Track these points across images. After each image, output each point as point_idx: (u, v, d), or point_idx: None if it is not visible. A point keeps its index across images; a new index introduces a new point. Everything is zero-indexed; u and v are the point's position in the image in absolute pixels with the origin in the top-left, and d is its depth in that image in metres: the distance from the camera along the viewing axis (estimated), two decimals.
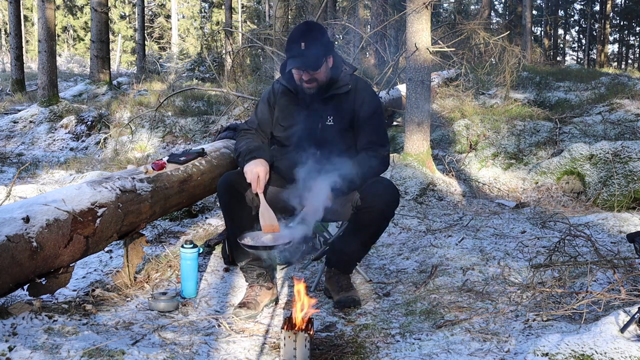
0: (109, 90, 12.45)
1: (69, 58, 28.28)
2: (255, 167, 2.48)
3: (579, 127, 6.69)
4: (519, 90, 9.28)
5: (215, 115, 8.75)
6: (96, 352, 1.94)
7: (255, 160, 2.51)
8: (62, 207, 2.37)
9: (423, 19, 5.19)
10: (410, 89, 5.37)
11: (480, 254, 3.35)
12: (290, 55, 2.51)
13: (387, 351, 2.17)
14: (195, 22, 33.94)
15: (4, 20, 27.70)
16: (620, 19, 36.63)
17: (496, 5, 31.61)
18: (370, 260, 3.46)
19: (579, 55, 41.54)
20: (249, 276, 2.69)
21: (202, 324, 2.45)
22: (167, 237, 3.90)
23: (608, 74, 11.42)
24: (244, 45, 8.53)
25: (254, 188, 2.46)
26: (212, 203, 4.65)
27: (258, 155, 2.53)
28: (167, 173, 3.07)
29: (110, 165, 6.54)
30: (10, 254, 2.08)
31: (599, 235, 3.64)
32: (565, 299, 2.46)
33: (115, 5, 32.80)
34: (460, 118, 6.95)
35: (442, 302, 2.65)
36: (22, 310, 2.29)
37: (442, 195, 5.06)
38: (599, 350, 1.83)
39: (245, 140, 2.69)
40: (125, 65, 30.81)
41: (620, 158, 4.83)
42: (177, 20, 30.34)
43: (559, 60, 32.30)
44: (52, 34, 10.08)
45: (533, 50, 17.63)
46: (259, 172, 2.47)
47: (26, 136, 9.32)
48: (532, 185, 5.42)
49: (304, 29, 2.56)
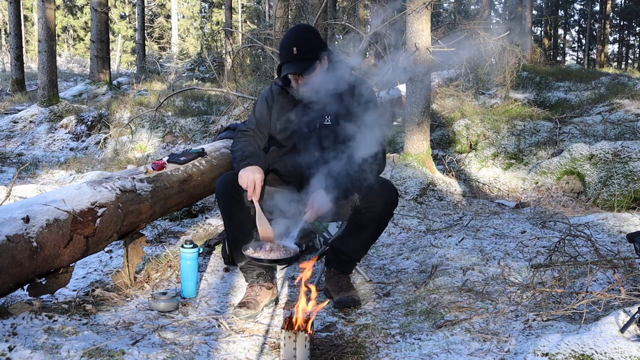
0: (109, 90, 12.45)
1: (69, 58, 28.28)
2: (252, 174, 2.45)
3: (579, 127, 6.69)
4: (519, 90, 9.28)
5: (215, 115, 8.75)
6: (96, 352, 1.94)
7: (250, 167, 2.48)
8: (62, 207, 2.37)
9: (423, 19, 5.19)
10: (410, 89, 5.37)
11: (480, 254, 3.35)
12: (283, 61, 2.53)
13: (387, 351, 2.17)
14: (195, 22, 33.94)
15: (4, 20, 27.70)
16: (620, 19, 36.63)
17: (496, 5, 31.60)
18: (370, 260, 3.46)
19: (579, 55, 41.54)
20: (249, 276, 2.69)
21: (202, 324, 2.45)
22: (167, 237, 3.90)
23: (608, 74, 11.42)
24: (244, 45, 8.52)
25: (250, 195, 2.44)
26: (212, 203, 4.65)
27: (253, 161, 2.51)
28: (167, 173, 3.07)
29: (110, 165, 6.54)
30: (10, 254, 2.08)
31: (599, 235, 3.64)
32: (565, 299, 2.46)
33: (115, 5, 32.80)
34: (460, 118, 6.95)
35: (442, 302, 2.65)
36: (22, 310, 2.29)
37: (442, 195, 5.05)
38: (599, 350, 1.83)
39: (241, 143, 2.67)
40: (125, 65, 30.81)
41: (620, 158, 4.83)
42: (177, 20, 30.34)
43: (559, 60, 32.29)
44: (52, 34, 10.08)
45: (533, 50, 17.62)
46: (255, 179, 2.44)
47: (26, 136, 9.32)
48: (532, 185, 5.42)
49: (294, 34, 2.57)
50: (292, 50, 2.48)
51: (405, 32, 5.46)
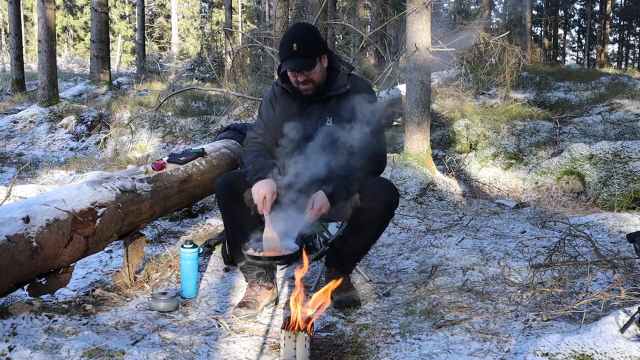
0: (109, 90, 12.45)
1: (69, 58, 28.28)
2: (262, 189, 2.44)
3: (579, 127, 6.69)
4: (519, 90, 9.28)
5: (215, 115, 8.75)
6: (96, 352, 1.94)
7: (261, 182, 2.47)
8: (62, 207, 2.37)
9: (423, 19, 5.19)
10: (410, 89, 5.37)
11: (480, 254, 3.35)
12: (283, 57, 2.53)
13: (387, 351, 2.17)
14: (195, 22, 33.95)
15: (4, 20, 27.70)
16: (620, 19, 36.64)
17: (496, 5, 31.61)
18: (370, 260, 3.46)
19: (579, 55, 41.55)
20: (249, 276, 2.69)
21: (202, 324, 2.45)
22: (167, 237, 3.90)
23: (608, 74, 11.42)
24: (244, 45, 8.52)
25: (260, 209, 2.44)
26: (212, 203, 4.65)
27: (263, 175, 2.50)
28: (167, 173, 3.07)
29: (110, 165, 6.54)
30: (10, 254, 2.08)
31: (599, 235, 3.64)
32: (565, 299, 2.46)
33: (115, 5, 32.80)
34: (460, 118, 6.95)
35: (442, 302, 2.65)
36: (22, 310, 2.29)
37: (442, 195, 5.05)
38: (599, 350, 1.83)
39: (251, 155, 2.66)
40: (125, 65, 30.81)
41: (620, 158, 4.83)
42: (177, 20, 30.35)
43: (559, 60, 32.28)
44: (52, 34, 10.08)
45: (533, 50, 17.62)
46: (265, 194, 2.43)
47: (26, 136, 9.32)
48: (532, 185, 5.42)
49: (295, 31, 2.58)
50: (292, 46, 2.49)
51: (405, 32, 5.46)
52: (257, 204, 2.43)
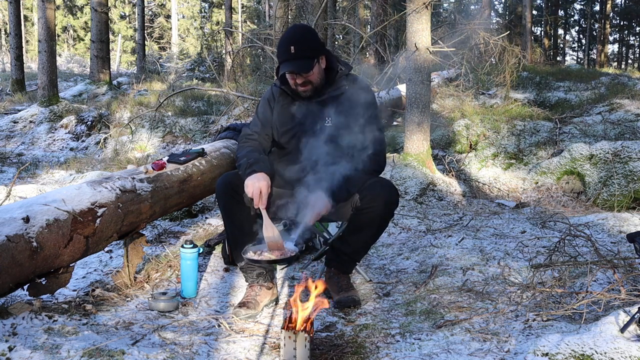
0: (109, 90, 12.45)
1: (69, 58, 28.29)
2: (257, 182, 2.43)
3: (579, 127, 6.69)
4: (519, 90, 9.28)
5: (215, 115, 8.75)
6: (96, 352, 1.94)
7: (256, 175, 2.46)
8: (62, 207, 2.37)
9: (423, 19, 5.19)
10: (410, 89, 5.37)
11: (480, 254, 3.35)
12: (281, 60, 2.52)
13: (387, 351, 2.17)
14: (195, 22, 33.96)
15: (4, 20, 27.70)
16: (620, 19, 36.63)
17: (496, 5, 31.62)
18: (370, 260, 3.46)
19: (579, 55, 41.55)
20: (249, 276, 2.70)
21: (202, 324, 2.45)
22: (167, 237, 3.90)
23: (608, 74, 11.43)
24: (244, 45, 8.53)
25: (256, 203, 2.42)
26: (212, 203, 4.65)
27: (258, 168, 2.48)
28: (167, 173, 3.07)
29: (110, 165, 6.54)
30: (10, 254, 2.08)
31: (599, 235, 3.64)
32: (565, 299, 2.46)
33: (115, 5, 32.81)
34: (460, 118, 6.95)
35: (442, 302, 2.65)
36: (22, 310, 2.29)
37: (442, 195, 5.05)
38: (599, 350, 1.83)
39: (245, 150, 2.65)
40: (125, 65, 30.82)
41: (620, 158, 4.83)
42: (177, 20, 30.36)
43: (559, 60, 32.28)
44: (52, 34, 10.08)
45: (533, 50, 17.62)
46: (260, 187, 2.42)
47: (26, 136, 9.33)
48: (532, 185, 5.42)
49: (292, 33, 2.58)
50: (289, 48, 2.48)
51: (405, 32, 5.46)
52: (253, 197, 2.42)
